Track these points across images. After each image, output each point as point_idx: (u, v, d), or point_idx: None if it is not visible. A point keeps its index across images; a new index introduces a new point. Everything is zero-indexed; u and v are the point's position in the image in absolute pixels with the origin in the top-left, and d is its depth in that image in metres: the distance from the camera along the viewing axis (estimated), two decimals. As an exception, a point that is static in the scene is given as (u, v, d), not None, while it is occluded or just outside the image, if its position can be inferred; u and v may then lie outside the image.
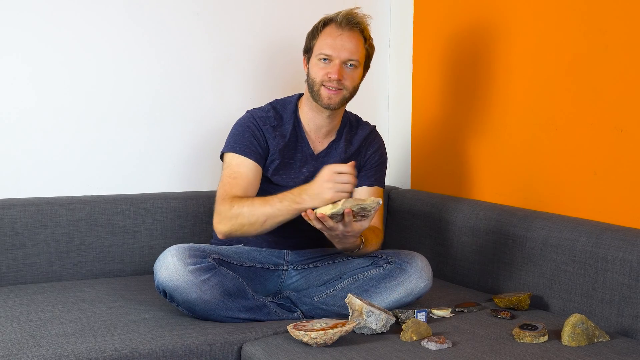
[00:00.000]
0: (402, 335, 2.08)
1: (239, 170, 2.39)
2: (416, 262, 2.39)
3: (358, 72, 2.45)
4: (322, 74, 2.40)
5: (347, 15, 2.41)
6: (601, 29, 2.42)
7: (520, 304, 2.39)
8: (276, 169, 2.45)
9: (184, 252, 2.20)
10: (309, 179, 2.40)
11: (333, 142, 2.53)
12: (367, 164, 2.56)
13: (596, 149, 2.44)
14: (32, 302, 2.35)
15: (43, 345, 1.97)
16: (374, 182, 2.56)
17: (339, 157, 2.51)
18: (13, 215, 2.58)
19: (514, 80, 2.74)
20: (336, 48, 2.39)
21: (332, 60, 2.39)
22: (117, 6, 2.79)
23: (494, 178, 2.84)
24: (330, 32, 2.41)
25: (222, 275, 2.21)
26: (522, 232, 2.51)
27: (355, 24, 2.42)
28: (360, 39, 2.44)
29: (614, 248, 2.24)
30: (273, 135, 2.45)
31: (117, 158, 2.83)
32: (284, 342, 2.07)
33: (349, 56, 2.39)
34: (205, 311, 2.20)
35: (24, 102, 2.69)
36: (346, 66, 2.41)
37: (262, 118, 2.47)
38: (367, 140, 2.58)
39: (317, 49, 2.42)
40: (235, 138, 2.45)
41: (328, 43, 2.39)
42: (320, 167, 2.43)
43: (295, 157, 2.48)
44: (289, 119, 2.49)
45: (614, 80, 2.38)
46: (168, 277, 2.17)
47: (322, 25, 2.44)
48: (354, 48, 2.40)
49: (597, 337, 2.09)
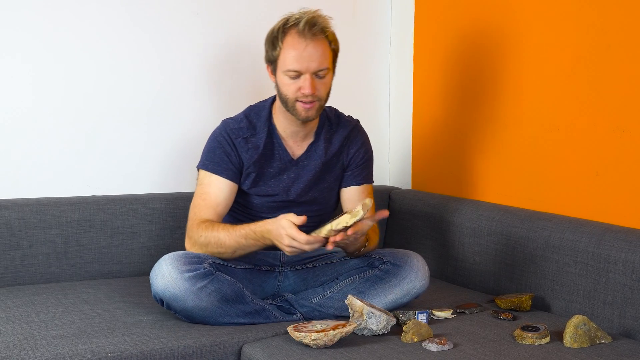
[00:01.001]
0: (403, 336, 2.08)
1: (209, 191, 2.37)
2: (412, 262, 2.38)
3: (329, 77, 2.36)
4: (293, 89, 2.30)
5: (309, 23, 2.28)
6: (603, 28, 2.41)
7: (521, 305, 2.38)
8: (254, 182, 2.41)
9: (179, 259, 2.19)
10: (290, 185, 2.41)
11: (312, 144, 2.47)
12: (352, 163, 2.51)
13: (598, 149, 2.43)
14: (30, 304, 2.34)
15: (42, 347, 1.96)
16: (361, 180, 2.52)
17: (319, 159, 2.45)
18: (11, 215, 2.57)
19: (515, 79, 2.73)
20: (304, 61, 2.27)
21: (301, 73, 2.29)
22: (116, 6, 2.78)
23: (496, 178, 2.83)
24: (293, 44, 2.28)
25: (219, 281, 2.20)
26: (524, 232, 2.51)
27: (319, 31, 2.30)
28: (325, 44, 2.31)
29: (617, 249, 2.23)
30: (246, 148, 2.40)
31: (117, 158, 2.83)
32: (284, 343, 2.07)
33: (318, 66, 2.29)
34: (204, 318, 2.20)
35: (22, 102, 2.68)
36: (317, 76, 2.30)
37: (234, 130, 2.41)
38: (348, 138, 2.51)
39: (282, 63, 2.30)
40: (207, 154, 2.42)
41: (294, 57, 2.28)
42: (301, 172, 2.44)
43: (273, 165, 2.43)
44: (262, 127, 2.43)
45: (616, 80, 2.37)
46: (164, 286, 2.16)
47: (282, 34, 2.30)
48: (321, 57, 2.29)
49: (600, 339, 2.08)
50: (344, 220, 2.11)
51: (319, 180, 2.46)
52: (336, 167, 2.49)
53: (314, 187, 2.45)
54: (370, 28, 3.27)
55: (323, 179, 2.47)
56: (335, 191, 2.53)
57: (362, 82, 3.29)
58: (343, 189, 2.52)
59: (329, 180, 2.49)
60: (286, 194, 2.43)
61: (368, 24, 3.27)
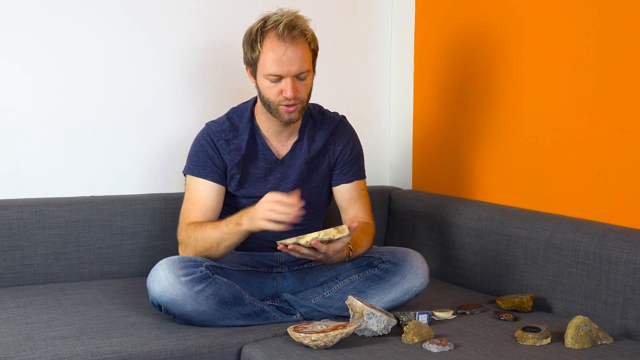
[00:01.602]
0: (404, 337, 2.07)
1: (196, 195, 2.37)
2: (411, 260, 2.37)
3: (310, 78, 2.34)
4: (275, 93, 2.29)
5: (288, 26, 2.25)
6: (604, 27, 2.40)
7: (522, 305, 2.38)
8: (239, 183, 2.41)
9: (175, 264, 2.19)
10: (277, 186, 2.41)
11: (296, 142, 2.45)
12: (340, 160, 2.49)
13: (599, 149, 2.43)
14: (29, 304, 2.34)
15: (41, 348, 1.96)
16: (351, 177, 2.50)
17: (302, 157, 2.44)
18: (10, 216, 2.57)
19: (516, 79, 2.73)
20: (284, 65, 2.25)
21: (282, 77, 2.27)
22: (115, 6, 2.78)
23: (496, 178, 2.83)
24: (272, 47, 2.26)
25: (217, 284, 2.20)
26: (525, 233, 2.50)
27: (299, 33, 2.27)
28: (305, 46, 2.29)
29: (618, 249, 2.22)
30: (228, 149, 2.40)
31: (116, 158, 2.82)
32: (284, 344, 2.06)
33: (299, 69, 2.27)
34: (203, 322, 2.19)
35: (21, 102, 2.68)
36: (298, 79, 2.29)
37: (216, 133, 2.41)
38: (334, 135, 2.49)
39: (262, 67, 2.28)
40: (191, 159, 2.42)
41: (274, 61, 2.25)
42: (287, 171, 2.43)
43: (258, 166, 2.42)
44: (244, 129, 2.42)
45: (618, 79, 2.37)
46: (161, 291, 2.16)
47: (260, 36, 2.28)
48: (301, 59, 2.27)
49: (601, 340, 2.08)
50: (330, 233, 2.13)
51: (306, 179, 2.45)
52: (322, 166, 2.48)
53: (302, 187, 2.42)
54: (371, 28, 3.27)
55: (310, 179, 2.46)
56: (325, 190, 2.52)
57: (362, 81, 3.28)
58: (335, 187, 2.51)
59: (317, 180, 2.47)
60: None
61: (368, 24, 3.26)
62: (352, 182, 2.50)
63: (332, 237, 2.13)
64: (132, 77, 2.83)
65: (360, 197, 2.51)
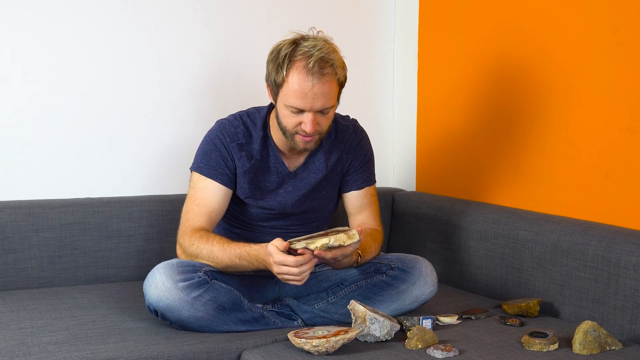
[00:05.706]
0: (407, 343, 2.06)
1: (203, 196, 2.33)
2: (420, 267, 2.36)
3: (333, 110, 2.28)
4: (293, 123, 2.22)
5: (319, 62, 2.15)
6: (613, 26, 2.40)
7: (529, 310, 2.37)
8: (251, 192, 2.37)
9: (172, 268, 2.16)
10: (287, 198, 2.38)
11: (310, 156, 2.41)
12: (351, 167, 2.47)
13: (608, 150, 2.43)
14: (23, 309, 2.33)
15: (34, 354, 1.95)
16: (362, 184, 2.48)
17: (320, 173, 2.40)
18: (3, 218, 2.56)
19: (523, 78, 2.72)
20: (308, 101, 2.17)
21: (304, 111, 2.20)
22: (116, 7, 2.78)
23: (502, 180, 2.82)
24: (299, 80, 2.16)
25: (215, 290, 2.17)
26: (532, 236, 2.49)
27: (329, 70, 2.18)
28: (333, 82, 2.21)
29: (627, 252, 2.22)
30: (239, 154, 2.35)
31: (111, 159, 2.81)
32: (284, 350, 2.05)
33: (323, 106, 2.19)
34: (200, 328, 2.17)
35: (15, 102, 2.67)
36: (320, 113, 2.22)
37: (230, 133, 2.36)
38: (347, 144, 2.45)
39: (284, 96, 2.20)
40: (202, 157, 2.37)
41: (298, 94, 2.17)
42: (299, 184, 2.40)
43: (270, 178, 2.38)
44: (257, 138, 2.37)
45: (627, 79, 2.37)
46: (158, 296, 2.13)
47: (288, 62, 2.18)
48: (327, 96, 2.19)
49: (610, 345, 2.07)
50: (341, 239, 2.11)
51: (316, 189, 2.43)
52: (334, 175, 2.46)
53: (311, 196, 2.42)
54: (373, 25, 3.26)
55: (321, 188, 2.44)
56: (334, 197, 2.50)
57: (365, 81, 3.27)
58: (345, 193, 2.50)
59: (327, 188, 2.46)
60: (283, 207, 2.40)
61: (371, 21, 3.25)
62: (363, 189, 2.49)
63: (342, 243, 2.12)
64: (131, 80, 2.82)
65: (370, 204, 2.50)
